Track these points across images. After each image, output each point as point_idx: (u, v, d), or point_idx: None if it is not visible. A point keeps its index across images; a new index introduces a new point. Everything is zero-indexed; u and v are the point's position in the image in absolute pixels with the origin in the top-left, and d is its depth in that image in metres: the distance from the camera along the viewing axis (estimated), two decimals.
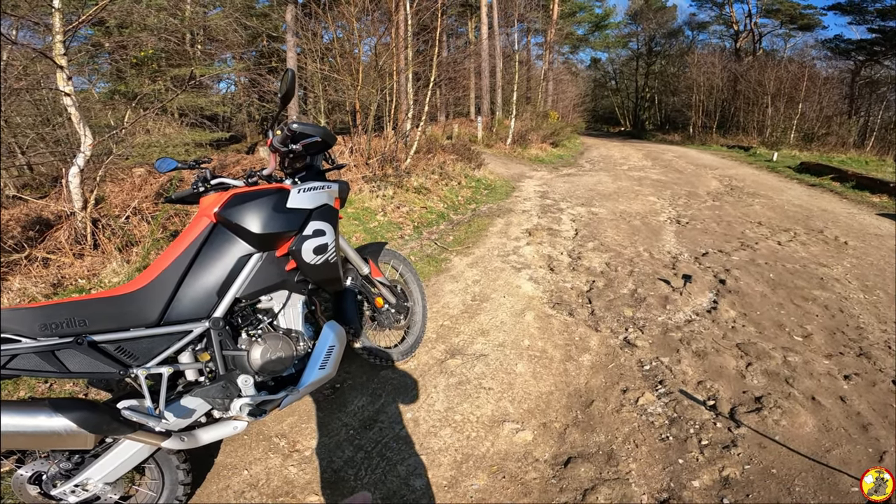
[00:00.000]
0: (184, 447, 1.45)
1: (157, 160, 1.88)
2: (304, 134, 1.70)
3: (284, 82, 1.62)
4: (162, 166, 1.85)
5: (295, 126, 1.66)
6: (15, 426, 1.16)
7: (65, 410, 1.20)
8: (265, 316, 1.70)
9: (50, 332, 1.25)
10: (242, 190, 1.65)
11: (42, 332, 1.24)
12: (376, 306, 2.25)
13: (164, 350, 1.45)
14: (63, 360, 1.28)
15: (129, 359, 1.38)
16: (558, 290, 3.40)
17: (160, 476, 1.52)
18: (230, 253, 1.58)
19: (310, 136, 1.72)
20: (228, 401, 1.49)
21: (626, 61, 37.02)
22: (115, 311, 1.37)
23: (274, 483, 1.71)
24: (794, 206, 6.63)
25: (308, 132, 1.70)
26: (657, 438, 1.92)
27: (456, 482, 1.69)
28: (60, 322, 1.27)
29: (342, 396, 2.17)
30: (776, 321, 2.97)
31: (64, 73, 3.80)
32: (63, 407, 1.21)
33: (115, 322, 1.36)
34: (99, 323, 1.33)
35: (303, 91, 14.48)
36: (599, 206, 6.37)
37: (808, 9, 27.18)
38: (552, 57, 19.99)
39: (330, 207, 1.85)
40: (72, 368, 1.29)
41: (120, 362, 1.37)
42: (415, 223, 5.44)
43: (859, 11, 22.71)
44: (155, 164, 1.88)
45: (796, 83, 18.90)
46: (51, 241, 3.96)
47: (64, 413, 1.19)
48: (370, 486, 1.68)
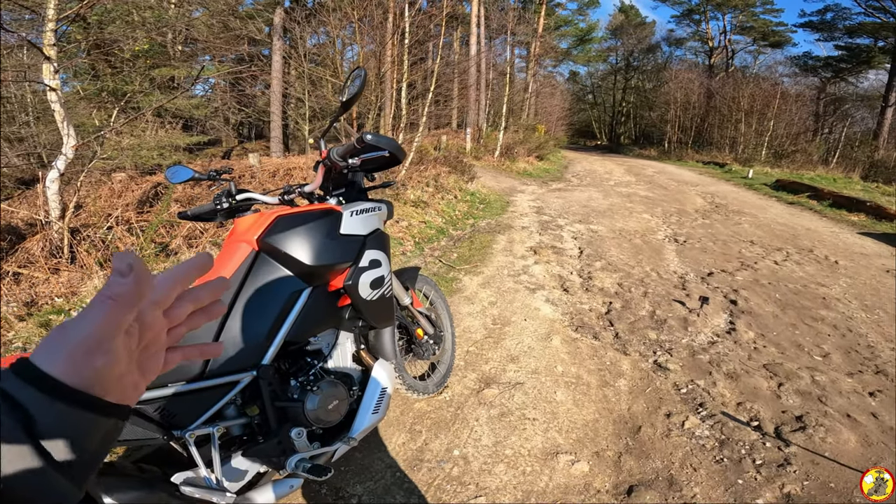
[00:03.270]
0: None
1: (168, 169, 1.64)
2: (374, 146, 1.47)
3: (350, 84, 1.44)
4: (174, 176, 1.62)
5: (369, 137, 1.44)
6: None
7: (112, 492, 1.00)
8: (315, 359, 1.52)
9: None
10: (288, 211, 1.44)
11: None
12: (417, 338, 2.11)
13: (210, 407, 1.23)
14: None
15: (171, 420, 1.17)
16: (577, 312, 3.39)
17: None
18: (279, 288, 1.36)
19: (379, 149, 1.49)
20: (284, 458, 1.31)
21: (605, 76, 38.07)
22: None
23: None
24: (779, 224, 6.85)
25: (380, 145, 1.47)
26: (712, 461, 1.92)
27: None
28: None
29: (378, 435, 2.05)
30: (794, 341, 3.03)
31: (51, 66, 3.54)
32: (109, 488, 1.00)
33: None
34: None
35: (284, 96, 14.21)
36: (597, 223, 6.44)
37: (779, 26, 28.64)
38: (536, 69, 20.32)
39: (382, 233, 1.67)
40: None
41: (161, 425, 1.15)
42: (415, 238, 5.36)
43: (829, 28, 24.03)
44: (165, 173, 1.64)
45: (768, 100, 19.77)
46: (22, 253, 3.61)
47: (112, 495, 0.99)
48: None
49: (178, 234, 4.19)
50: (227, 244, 1.40)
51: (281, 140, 13.12)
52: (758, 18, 28.65)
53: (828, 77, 24.78)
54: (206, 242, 4.12)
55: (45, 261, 3.49)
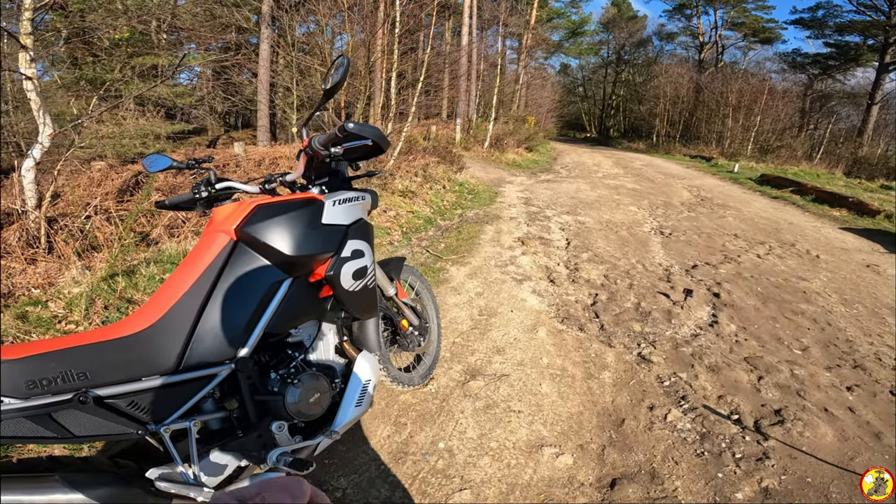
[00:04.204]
0: None
1: (146, 157, 1.58)
2: (357, 135, 1.41)
3: (334, 72, 1.40)
4: (152, 165, 1.56)
5: (351, 126, 1.38)
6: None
7: (84, 488, 0.95)
8: (296, 351, 1.48)
9: (41, 390, 0.97)
10: (268, 200, 1.40)
11: (30, 391, 0.96)
12: (402, 329, 2.09)
13: (187, 401, 1.19)
14: (63, 422, 1.00)
15: (146, 415, 1.11)
16: (563, 303, 3.40)
17: None
18: (258, 278, 1.31)
19: (362, 138, 1.43)
20: (265, 452, 1.28)
21: (596, 69, 38.07)
22: (121, 359, 1.09)
23: None
24: (762, 218, 6.94)
25: (364, 134, 1.42)
26: (693, 454, 1.94)
27: None
28: (53, 377, 0.98)
29: (363, 427, 2.04)
30: (774, 335, 3.07)
31: (27, 55, 3.46)
32: (80, 484, 0.96)
33: (123, 372, 1.08)
34: (103, 375, 1.05)
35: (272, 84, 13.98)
36: (584, 214, 6.46)
37: (770, 22, 28.82)
38: (527, 61, 20.24)
39: (366, 223, 1.64)
40: (76, 432, 1.01)
41: (136, 420, 1.10)
42: (403, 228, 5.33)
43: (819, 26, 24.19)
44: (143, 162, 1.58)
45: (756, 96, 19.95)
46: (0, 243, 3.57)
47: (84, 491, 0.95)
48: None
49: (160, 223, 4.12)
50: (204, 234, 1.36)
51: (268, 129, 12.92)
52: (749, 14, 28.80)
53: (816, 74, 25.05)
54: (189, 232, 4.05)
55: (22, 251, 3.41)
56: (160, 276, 3.10)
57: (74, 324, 2.52)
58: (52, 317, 2.55)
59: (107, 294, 2.79)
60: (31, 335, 2.36)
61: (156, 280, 3.04)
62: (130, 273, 3.08)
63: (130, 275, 3.06)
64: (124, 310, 2.71)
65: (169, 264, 3.30)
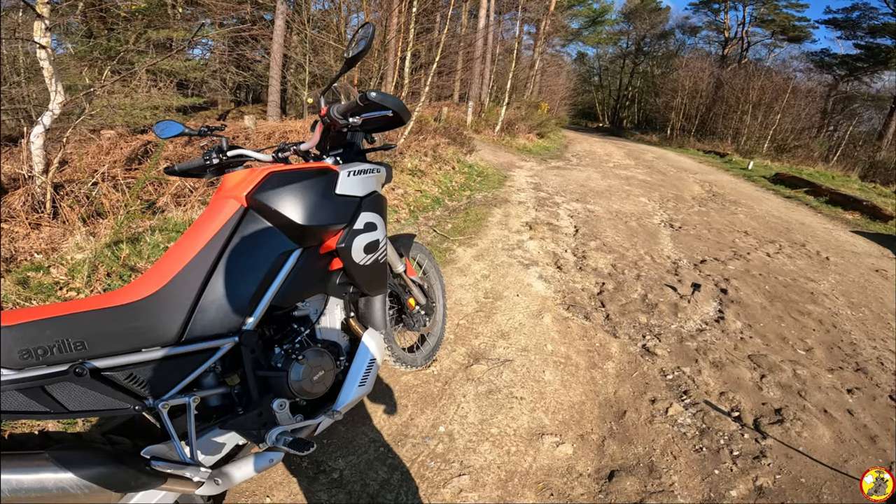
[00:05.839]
0: (218, 491, 1.18)
1: (158, 124, 1.55)
2: (378, 105, 1.35)
3: (358, 39, 1.34)
4: (164, 131, 1.53)
5: (374, 95, 1.32)
6: (11, 489, 0.86)
7: (75, 467, 0.91)
8: (302, 326, 1.44)
9: (35, 360, 0.91)
10: (281, 168, 1.34)
11: (24, 361, 0.90)
12: (408, 308, 2.05)
13: (187, 375, 1.13)
14: (57, 396, 0.94)
15: (144, 389, 1.06)
16: (569, 290, 3.37)
17: None
18: (267, 247, 1.26)
19: (383, 108, 1.37)
20: (264, 431, 1.23)
21: (613, 59, 37.43)
22: (121, 328, 1.02)
23: None
24: (774, 217, 6.84)
25: (385, 103, 1.36)
26: (692, 450, 1.93)
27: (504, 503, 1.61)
28: (49, 346, 0.92)
29: (363, 408, 2.01)
30: (779, 334, 3.03)
31: (43, 24, 3.42)
32: (71, 463, 0.91)
33: (122, 342, 1.02)
34: (101, 345, 0.99)
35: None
36: (594, 203, 6.38)
37: (801, 21, 27.98)
38: (544, 48, 19.87)
39: (379, 196, 1.58)
40: (70, 407, 0.96)
41: (133, 394, 1.05)
42: (410, 207, 5.29)
43: (852, 27, 23.57)
44: (154, 127, 1.55)
45: (778, 94, 19.54)
46: (3, 207, 3.54)
47: (75, 470, 0.90)
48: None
49: (167, 191, 4.09)
50: (214, 200, 1.31)
51: (278, 104, 12.79)
52: (780, 12, 27.98)
53: (842, 75, 24.45)
54: (195, 201, 4.03)
55: (26, 215, 3.39)
56: (164, 244, 3.09)
57: (76, 290, 2.50)
58: (53, 283, 2.53)
59: (110, 261, 2.77)
60: (32, 301, 2.34)
61: (160, 248, 3.03)
62: (135, 241, 3.07)
63: (135, 242, 3.05)
64: (126, 277, 2.70)
65: (174, 233, 3.29)
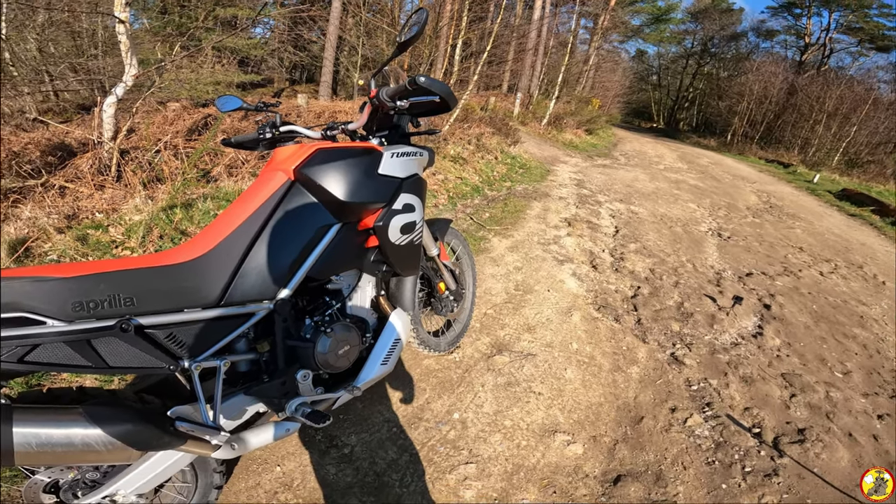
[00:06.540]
0: (234, 455, 1.24)
1: (219, 98, 1.66)
2: (426, 90, 1.38)
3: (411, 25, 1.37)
4: (224, 105, 1.64)
5: (422, 80, 1.35)
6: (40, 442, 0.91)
7: (105, 423, 0.96)
8: (333, 299, 1.48)
9: (87, 313, 0.94)
10: (329, 145, 1.41)
11: (76, 313, 0.93)
12: (438, 292, 2.08)
13: (222, 338, 1.18)
14: (101, 350, 0.97)
15: (181, 349, 1.10)
16: (602, 291, 3.32)
17: (194, 480, 1.33)
18: (309, 219, 1.32)
19: (431, 94, 1.39)
20: (285, 400, 1.29)
21: (675, 58, 35.79)
22: (168, 287, 1.06)
23: (310, 485, 1.58)
24: (833, 234, 6.42)
25: (433, 89, 1.38)
26: (703, 462, 1.89)
27: (506, 495, 1.63)
28: (101, 300, 0.95)
29: (382, 387, 2.06)
30: (818, 355, 2.89)
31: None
32: (102, 419, 0.96)
33: (168, 301, 1.06)
34: (149, 302, 1.02)
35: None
36: (638, 204, 6.20)
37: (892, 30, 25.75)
38: (601, 43, 19.24)
39: (420, 179, 1.63)
40: (111, 363, 0.99)
41: (171, 353, 1.08)
42: (449, 193, 5.32)
43: None
44: (216, 101, 1.66)
45: (857, 105, 18.14)
46: (71, 168, 3.80)
47: (104, 426, 0.96)
48: (417, 494, 1.59)
49: (221, 162, 4.30)
50: (263, 172, 1.38)
51: (330, 85, 13.05)
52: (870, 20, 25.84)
53: None
54: (246, 173, 4.21)
55: (92, 177, 3.65)
56: (214, 210, 3.26)
57: (130, 249, 2.69)
58: (110, 241, 2.73)
59: (164, 224, 2.96)
60: (88, 257, 2.53)
61: (210, 215, 3.20)
62: (188, 206, 3.26)
63: (188, 208, 3.23)
64: (177, 240, 2.88)
65: (224, 201, 3.46)
